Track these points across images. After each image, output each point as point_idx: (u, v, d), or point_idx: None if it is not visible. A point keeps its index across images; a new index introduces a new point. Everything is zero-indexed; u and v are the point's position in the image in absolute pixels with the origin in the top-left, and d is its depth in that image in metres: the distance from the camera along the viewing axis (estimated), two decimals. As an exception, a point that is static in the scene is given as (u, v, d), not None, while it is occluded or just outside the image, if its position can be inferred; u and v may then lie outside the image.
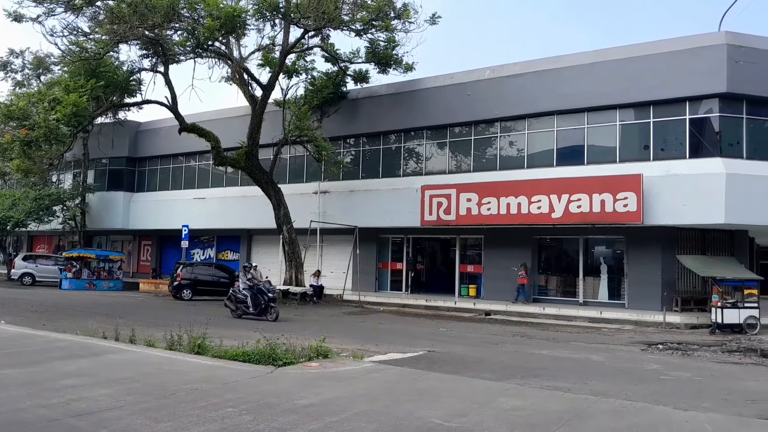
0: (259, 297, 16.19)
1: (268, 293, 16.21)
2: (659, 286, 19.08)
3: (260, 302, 16.11)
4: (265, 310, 16.10)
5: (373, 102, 25.29)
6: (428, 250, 27.17)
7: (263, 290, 16.26)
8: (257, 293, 16.27)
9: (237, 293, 16.69)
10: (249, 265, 17.56)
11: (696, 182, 17.95)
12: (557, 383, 8.14)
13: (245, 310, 16.34)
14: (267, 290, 16.29)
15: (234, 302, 16.68)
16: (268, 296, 16.20)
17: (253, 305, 16.20)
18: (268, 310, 16.12)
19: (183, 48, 22.67)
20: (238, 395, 6.55)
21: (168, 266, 32.07)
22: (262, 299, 16.13)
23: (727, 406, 7.02)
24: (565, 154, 20.91)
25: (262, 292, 16.22)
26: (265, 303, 16.11)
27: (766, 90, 18.26)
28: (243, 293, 16.53)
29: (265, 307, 16.12)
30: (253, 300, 16.24)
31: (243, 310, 16.40)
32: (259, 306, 16.12)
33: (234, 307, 16.61)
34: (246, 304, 16.34)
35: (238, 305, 16.54)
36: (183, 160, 32.24)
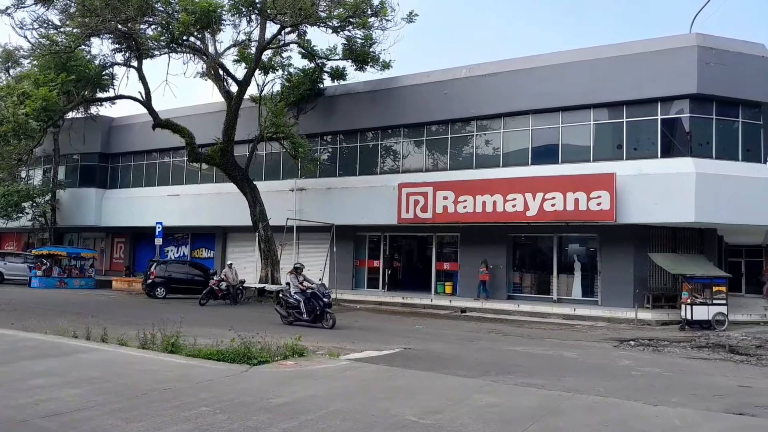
0: (313, 302, 14.61)
1: (323, 298, 14.58)
2: (631, 283, 19.41)
3: (315, 308, 14.54)
4: (320, 316, 14.54)
5: (350, 99, 25.24)
6: (405, 247, 27.24)
7: (318, 294, 14.62)
8: (311, 298, 14.65)
9: (287, 297, 15.14)
10: (300, 266, 15.70)
11: (667, 181, 18.28)
12: (531, 380, 8.23)
13: (298, 317, 14.80)
14: (322, 294, 14.65)
15: (285, 307, 15.20)
16: (323, 301, 14.54)
17: (306, 311, 14.61)
18: (323, 316, 14.55)
19: (157, 43, 22.30)
20: (212, 394, 6.49)
21: (141, 264, 31.63)
22: (317, 305, 14.53)
23: (695, 400, 7.17)
24: (539, 153, 21.13)
25: (317, 297, 14.59)
26: (320, 309, 14.51)
27: (734, 91, 18.69)
28: (295, 298, 14.93)
29: (320, 314, 14.53)
30: (306, 305, 14.64)
31: (295, 317, 14.88)
32: (314, 312, 14.54)
33: (285, 312, 15.13)
34: (299, 310, 14.78)
35: (290, 311, 15.02)
36: (157, 157, 31.79)
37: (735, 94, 18.74)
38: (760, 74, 18.85)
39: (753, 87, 18.78)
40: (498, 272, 21.83)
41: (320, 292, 14.70)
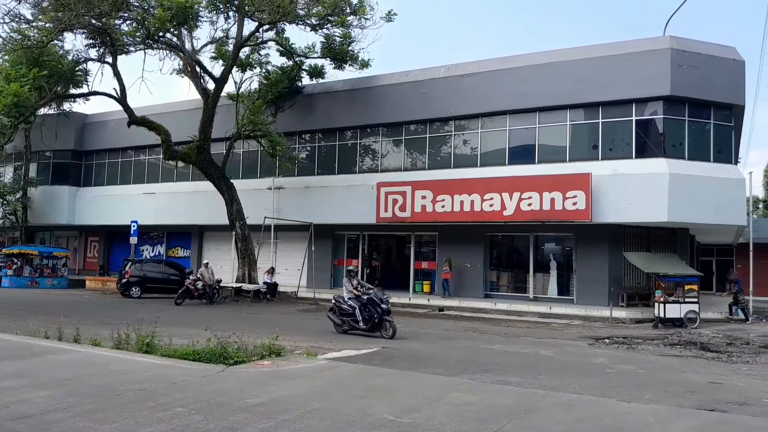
0: (370, 309, 13.25)
1: (381, 304, 13.15)
2: (606, 282, 19.68)
3: (372, 315, 13.19)
4: (378, 324, 13.15)
5: (328, 98, 25.16)
6: (383, 246, 27.26)
7: (375, 300, 13.22)
8: (367, 304, 13.32)
9: (341, 304, 13.83)
10: (354, 270, 14.59)
11: (641, 181, 18.57)
12: (508, 378, 8.29)
13: (353, 325, 13.48)
14: (380, 300, 13.22)
15: (339, 315, 13.89)
16: (381, 308, 13.14)
17: (363, 319, 13.28)
18: (382, 324, 13.15)
19: (132, 38, 21.98)
20: (188, 395, 6.42)
21: (116, 263, 31.16)
22: (375, 311, 13.16)
23: (668, 397, 7.29)
24: (517, 153, 21.30)
25: (374, 303, 13.21)
26: (378, 316, 13.14)
27: (706, 94, 19.06)
28: (349, 304, 13.61)
29: (378, 321, 13.15)
30: (362, 313, 13.32)
31: (351, 325, 13.56)
32: (372, 320, 13.18)
33: (339, 321, 13.84)
34: (354, 318, 13.46)
35: (344, 319, 13.71)
36: (132, 154, 31.33)
37: (707, 96, 19.12)
38: (730, 77, 19.25)
39: (724, 89, 19.17)
40: (475, 271, 21.97)
41: (377, 298, 13.27)
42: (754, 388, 8.13)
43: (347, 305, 13.66)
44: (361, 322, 13.31)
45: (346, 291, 13.91)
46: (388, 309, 13.35)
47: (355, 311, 13.42)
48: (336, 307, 13.99)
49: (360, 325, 13.33)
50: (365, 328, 13.25)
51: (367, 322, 13.24)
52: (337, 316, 13.95)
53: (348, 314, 13.64)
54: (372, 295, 13.38)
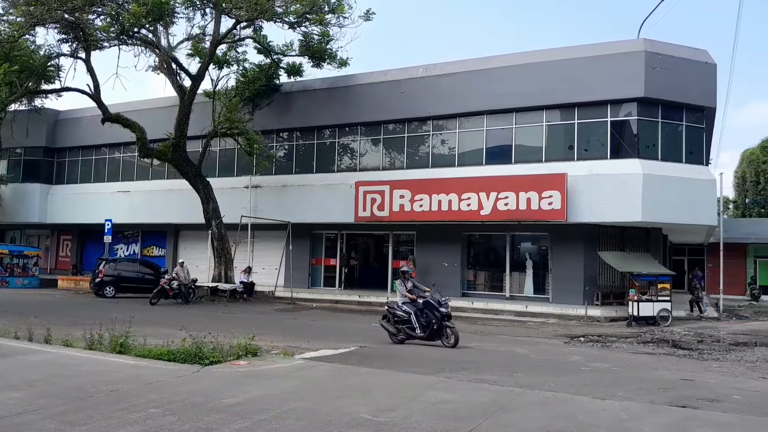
0: (427, 314, 11.81)
1: (439, 307, 11.66)
2: (581, 281, 19.92)
3: (431, 321, 11.73)
4: (437, 331, 11.72)
5: (307, 96, 25.04)
6: (362, 246, 27.24)
7: (432, 304, 11.75)
8: (424, 309, 11.87)
9: (395, 310, 12.37)
10: (408, 270, 13.05)
11: (616, 182, 18.84)
12: (484, 376, 8.34)
13: (410, 333, 12.02)
14: (438, 303, 11.72)
15: (393, 322, 12.38)
16: (440, 312, 11.64)
17: (420, 326, 11.83)
18: (442, 331, 11.72)
19: (106, 34, 21.63)
20: (162, 395, 6.34)
21: (89, 262, 30.62)
22: (433, 316, 11.70)
23: (640, 394, 7.41)
24: (494, 153, 21.45)
25: (432, 307, 11.74)
26: (437, 321, 11.65)
27: (679, 96, 19.40)
28: (404, 310, 12.14)
29: (437, 328, 11.70)
30: (419, 319, 11.86)
31: (407, 333, 12.07)
32: (430, 326, 11.74)
33: (393, 329, 12.31)
34: (410, 325, 12.02)
35: (399, 327, 12.22)
36: (106, 152, 30.83)
37: (679, 99, 19.46)
38: (702, 80, 19.63)
39: (696, 92, 19.54)
40: (453, 270, 22.06)
41: (435, 300, 11.76)
42: (724, 385, 8.30)
43: (401, 311, 12.19)
44: (418, 329, 11.88)
45: (399, 295, 12.54)
46: (448, 313, 11.79)
47: (411, 317, 11.95)
48: (389, 314, 12.49)
49: (417, 332, 11.90)
50: (423, 335, 11.83)
51: (424, 329, 11.81)
52: (391, 325, 12.41)
53: (403, 321, 12.18)
54: (428, 298, 11.89)
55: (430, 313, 11.76)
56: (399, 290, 12.58)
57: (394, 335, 12.32)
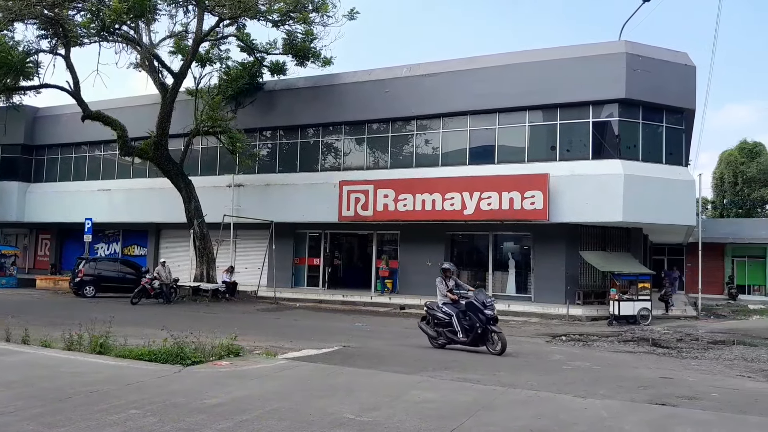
0: (470, 316, 10.75)
1: (484, 309, 10.58)
2: (563, 280, 20.08)
3: (474, 324, 10.68)
4: (482, 336, 10.67)
5: (290, 94, 24.94)
6: (345, 245, 27.21)
7: (476, 305, 10.68)
8: (467, 311, 10.82)
9: (435, 312, 11.29)
10: (451, 268, 11.66)
11: (597, 182, 19.03)
12: (467, 375, 8.37)
13: (451, 337, 11.02)
14: (482, 304, 10.64)
15: (432, 325, 11.41)
16: (484, 314, 10.56)
17: (462, 329, 10.85)
18: (486, 336, 10.65)
19: (87, 30, 21.35)
20: (143, 396, 6.27)
21: (69, 262, 30.21)
22: (477, 319, 10.63)
23: (621, 392, 7.48)
24: (477, 153, 21.56)
25: (475, 309, 10.65)
26: (481, 325, 10.60)
27: (659, 97, 19.65)
28: (444, 311, 11.12)
29: (482, 332, 10.64)
30: (461, 322, 10.87)
31: (448, 337, 11.08)
32: (473, 330, 10.71)
33: (433, 332, 11.38)
34: (451, 329, 11.01)
35: (440, 330, 11.23)
36: (86, 150, 30.42)
37: (660, 100, 19.71)
38: (682, 82, 19.91)
39: (676, 94, 19.81)
40: (437, 270, 22.00)
41: (479, 302, 10.71)
42: (703, 383, 8.42)
43: (442, 313, 11.15)
44: (459, 333, 10.86)
45: (439, 295, 11.40)
46: (494, 316, 10.70)
47: (452, 320, 10.94)
48: (429, 315, 11.45)
49: (459, 337, 10.88)
50: (465, 340, 10.81)
51: (467, 333, 10.79)
52: (431, 327, 11.42)
53: (444, 324, 11.14)
54: (472, 299, 10.82)
55: (473, 316, 10.69)
56: (439, 289, 11.39)
57: (433, 339, 11.37)
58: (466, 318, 10.84)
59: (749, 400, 7.12)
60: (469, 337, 10.77)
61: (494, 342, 10.60)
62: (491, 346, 10.61)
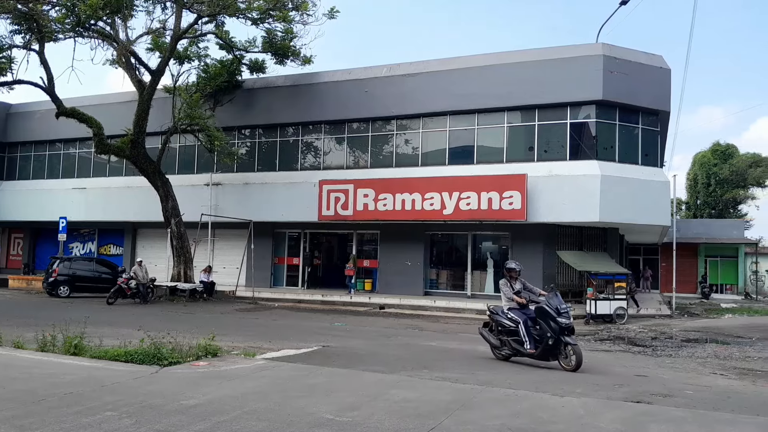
0: (541, 324, 9.21)
1: (557, 317, 8.95)
2: (540, 279, 20.23)
3: (545, 334, 9.08)
4: (553, 348, 9.07)
5: (270, 93, 24.79)
6: (325, 245, 27.13)
7: (547, 311, 9.09)
8: (537, 318, 9.30)
9: (499, 317, 9.83)
10: (516, 268, 10.11)
11: (574, 183, 19.25)
12: (446, 374, 8.40)
13: (517, 348, 9.52)
14: (556, 311, 9.01)
15: (495, 333, 10.05)
16: (557, 323, 8.93)
17: (530, 340, 9.28)
18: (558, 348, 9.08)
19: (61, 26, 20.98)
20: (119, 397, 6.18)
21: (43, 261, 29.65)
22: (548, 328, 9.04)
23: (597, 390, 7.58)
24: (456, 153, 21.66)
25: (546, 316, 9.09)
26: (553, 335, 8.96)
27: (635, 99, 19.96)
28: (510, 317, 9.61)
29: (553, 344, 9.03)
30: (529, 330, 9.33)
31: (513, 348, 9.60)
32: (543, 341, 9.11)
33: (496, 341, 9.98)
34: (518, 338, 9.47)
35: (504, 339, 9.79)
36: (61, 147, 29.90)
37: (635, 102, 20.01)
38: (657, 84, 20.24)
39: (651, 96, 20.13)
40: (416, 269, 22.20)
41: (551, 307, 9.11)
42: (677, 380, 8.56)
43: (507, 320, 9.69)
44: (527, 343, 9.32)
45: (504, 298, 9.91)
46: (570, 325, 9.01)
47: (519, 327, 9.43)
48: (492, 321, 10.08)
49: (526, 347, 9.34)
50: (534, 352, 9.28)
51: (536, 345, 9.25)
52: (493, 335, 10.05)
53: (509, 332, 9.67)
54: (543, 304, 9.27)
55: (544, 324, 9.13)
56: (504, 292, 9.93)
57: (496, 349, 10.01)
58: (535, 326, 9.33)
59: (722, 398, 7.26)
60: (538, 349, 9.23)
61: (567, 356, 9.05)
62: (563, 360, 9.10)
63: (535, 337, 9.27)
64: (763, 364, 10.56)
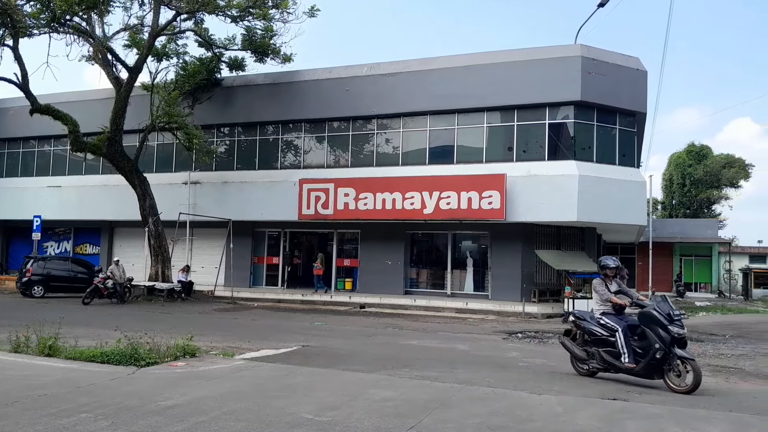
0: (646, 334, 7.62)
1: (668, 325, 7.43)
2: (519, 278, 20.46)
3: (650, 346, 7.50)
4: (660, 363, 7.52)
5: (249, 91, 24.62)
6: (306, 244, 27.02)
7: (656, 318, 7.55)
8: (644, 325, 7.70)
9: (588, 323, 8.35)
10: (613, 264, 8.54)
11: (553, 183, 19.44)
12: (426, 373, 8.43)
13: (611, 362, 7.93)
14: (666, 318, 7.48)
15: (580, 343, 8.52)
16: (669, 332, 7.42)
17: (629, 352, 7.71)
18: (667, 363, 7.49)
19: (36, 21, 20.59)
20: (95, 399, 6.09)
21: (16, 260, 29.10)
22: (656, 339, 7.47)
23: (575, 388, 7.66)
24: (437, 153, 21.74)
25: (655, 323, 7.55)
26: (662, 348, 7.42)
27: (612, 100, 20.22)
28: (605, 323, 8.11)
29: (661, 358, 7.47)
30: (628, 341, 7.77)
31: (605, 361, 8.03)
32: (649, 355, 7.51)
33: (582, 353, 8.43)
34: (612, 350, 7.93)
35: (593, 350, 8.24)
36: (35, 145, 29.36)
37: (613, 103, 20.27)
38: (634, 85, 20.53)
39: (628, 97, 20.41)
40: (396, 268, 22.23)
41: (661, 313, 7.55)
42: (651, 377, 8.69)
43: (599, 326, 8.17)
44: (625, 356, 7.72)
45: (597, 301, 8.41)
46: (683, 335, 7.52)
47: (616, 337, 7.86)
48: (577, 328, 8.59)
49: (624, 361, 7.73)
50: (634, 367, 7.66)
51: (637, 358, 7.66)
52: (577, 346, 8.54)
53: (600, 342, 8.14)
54: (650, 308, 7.72)
55: (650, 333, 7.55)
56: (598, 293, 8.36)
57: (580, 362, 8.51)
58: (638, 336, 7.79)
59: (696, 395, 7.38)
60: (640, 364, 7.60)
61: (680, 373, 7.42)
62: (673, 378, 7.47)
63: (637, 350, 7.68)
64: (735, 362, 10.77)
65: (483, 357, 10.65)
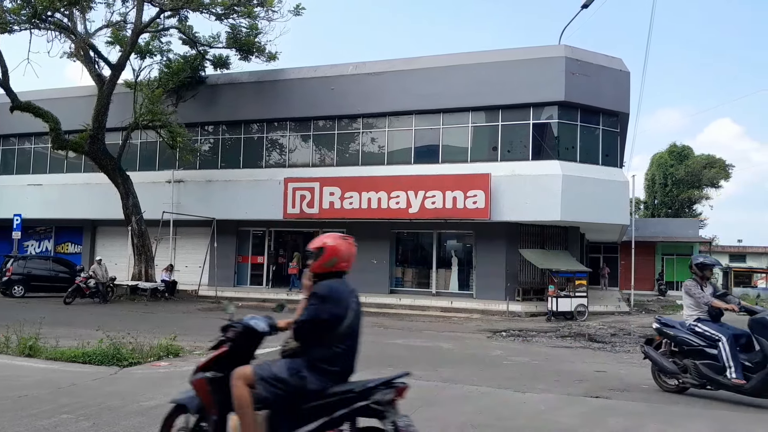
0: (763, 347, 6.48)
1: None
2: (503, 277, 20.55)
3: (765, 360, 6.41)
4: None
5: (234, 89, 24.46)
6: (291, 243, 26.90)
7: None
8: (758, 335, 6.57)
9: (680, 333, 7.13)
10: (710, 263, 7.43)
11: (537, 182, 19.56)
12: (411, 371, 8.45)
13: (711, 377, 6.74)
14: None
15: (669, 354, 7.29)
16: None
17: (736, 366, 6.55)
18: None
19: (17, 17, 20.28)
20: (76, 399, 6.03)
21: (-5, 260, 28.65)
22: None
23: (558, 386, 7.73)
24: (422, 152, 21.77)
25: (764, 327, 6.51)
26: None
27: (596, 101, 20.39)
28: (702, 331, 6.96)
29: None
30: (735, 353, 6.61)
31: (702, 375, 6.83)
32: (763, 370, 6.40)
33: (671, 365, 7.17)
34: (713, 363, 6.74)
35: (685, 363, 7.04)
36: (15, 142, 28.93)
37: (596, 104, 20.45)
38: (617, 86, 20.73)
39: (611, 98, 20.60)
40: (382, 267, 22.22)
41: None
42: (634, 376, 8.79)
43: (694, 335, 7.02)
44: (731, 369, 6.56)
45: (690, 306, 7.24)
46: None
47: (719, 347, 6.71)
48: (664, 337, 7.37)
49: (730, 376, 6.56)
50: (743, 384, 6.50)
51: (747, 373, 6.52)
52: (665, 357, 7.29)
53: (695, 353, 6.94)
54: (765, 315, 6.61)
55: (766, 344, 6.44)
56: (694, 296, 7.16)
57: (667, 375, 7.32)
58: (746, 349, 6.71)
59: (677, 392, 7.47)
60: (752, 381, 6.45)
61: None
62: None
63: (747, 363, 6.55)
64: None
65: (467, 355, 10.69)
